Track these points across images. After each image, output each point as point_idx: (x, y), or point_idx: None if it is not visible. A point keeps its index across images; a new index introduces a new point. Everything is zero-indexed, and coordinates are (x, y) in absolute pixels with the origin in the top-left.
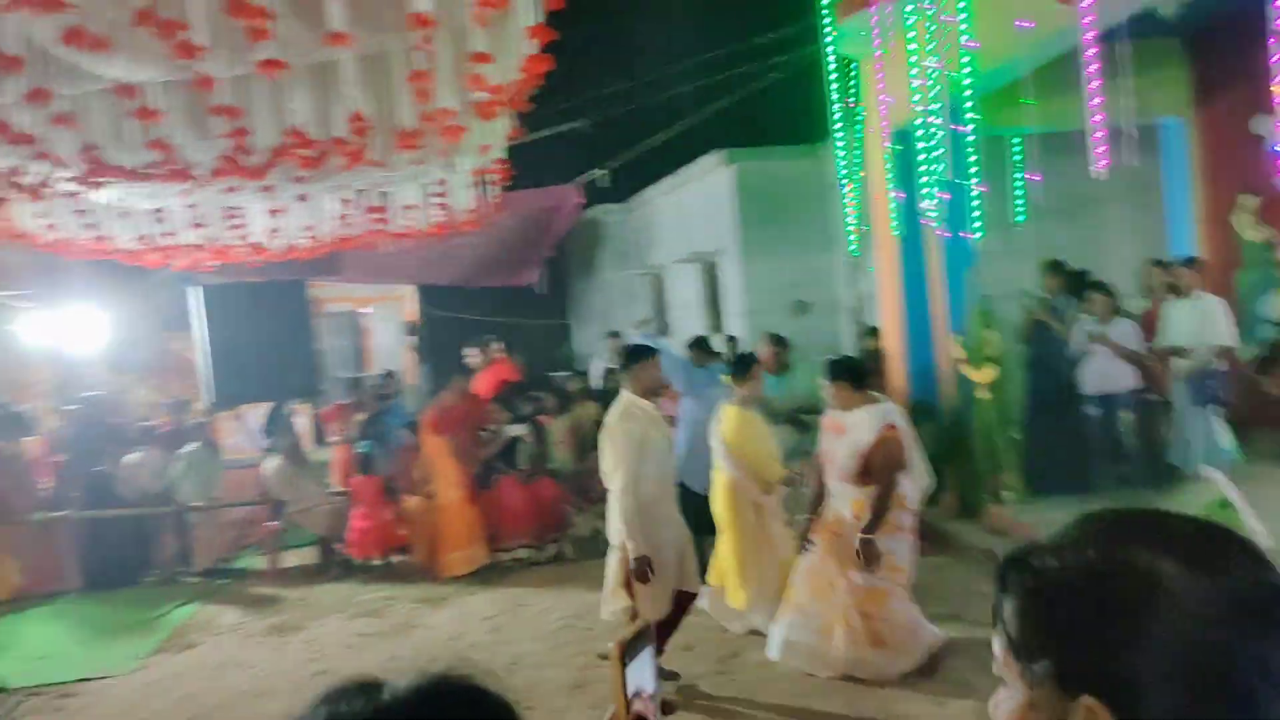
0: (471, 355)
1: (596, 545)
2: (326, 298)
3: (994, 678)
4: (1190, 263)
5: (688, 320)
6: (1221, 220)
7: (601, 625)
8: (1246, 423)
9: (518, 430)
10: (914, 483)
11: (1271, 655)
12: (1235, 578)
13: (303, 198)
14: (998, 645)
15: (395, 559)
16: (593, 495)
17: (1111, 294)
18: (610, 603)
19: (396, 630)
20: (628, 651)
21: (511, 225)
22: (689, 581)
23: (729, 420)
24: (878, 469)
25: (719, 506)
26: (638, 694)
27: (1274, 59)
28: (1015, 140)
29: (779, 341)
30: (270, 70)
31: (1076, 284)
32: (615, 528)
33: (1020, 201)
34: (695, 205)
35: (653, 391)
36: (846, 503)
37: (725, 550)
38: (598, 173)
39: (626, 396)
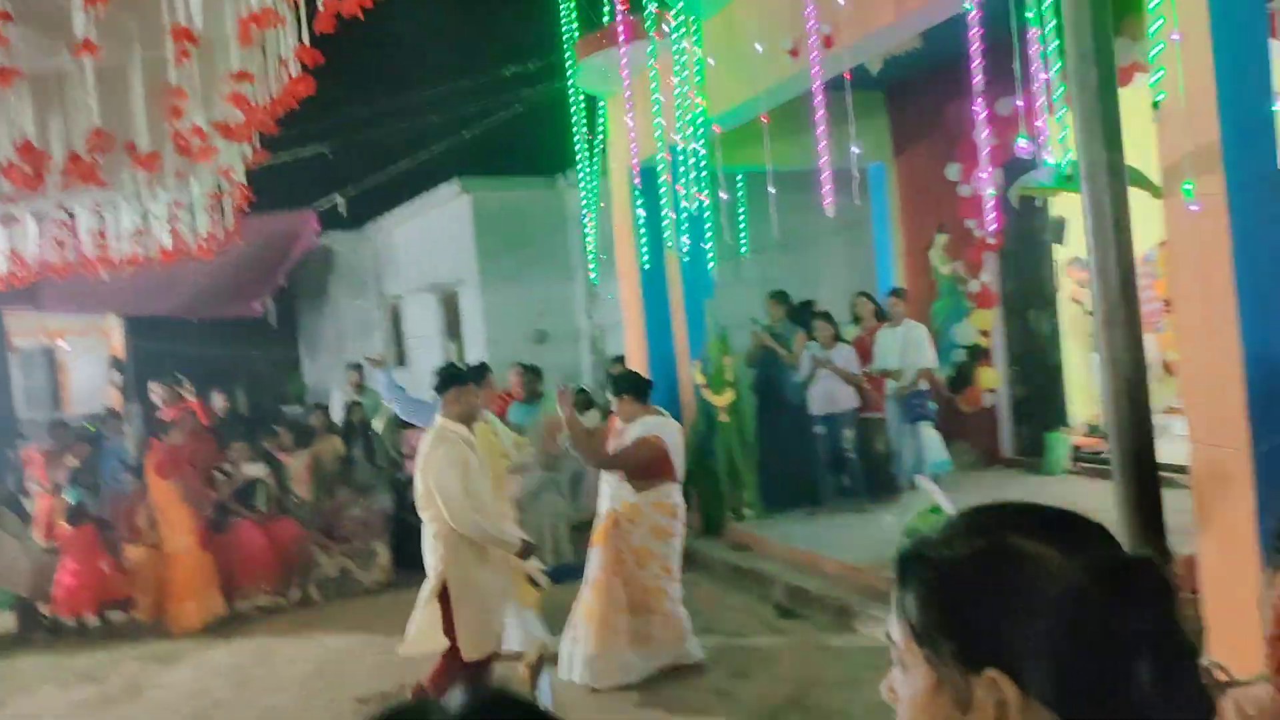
0: (155, 392)
1: (345, 585)
2: (15, 330)
3: (755, 682)
4: (897, 293)
5: (426, 352)
6: (920, 255)
7: (355, 668)
8: (946, 436)
9: (254, 470)
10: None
11: (1130, 617)
12: (1096, 555)
13: (6, 220)
14: (897, 633)
15: (114, 616)
16: (338, 534)
17: (834, 323)
18: (418, 643)
19: (123, 694)
20: (534, 676)
21: (244, 252)
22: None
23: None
24: (623, 458)
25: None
26: None
27: (972, 114)
28: (740, 178)
29: (530, 370)
30: (4, 79)
31: (797, 313)
32: (433, 561)
33: (744, 235)
34: (433, 234)
35: (469, 417)
36: (619, 503)
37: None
38: (337, 199)
39: (440, 422)
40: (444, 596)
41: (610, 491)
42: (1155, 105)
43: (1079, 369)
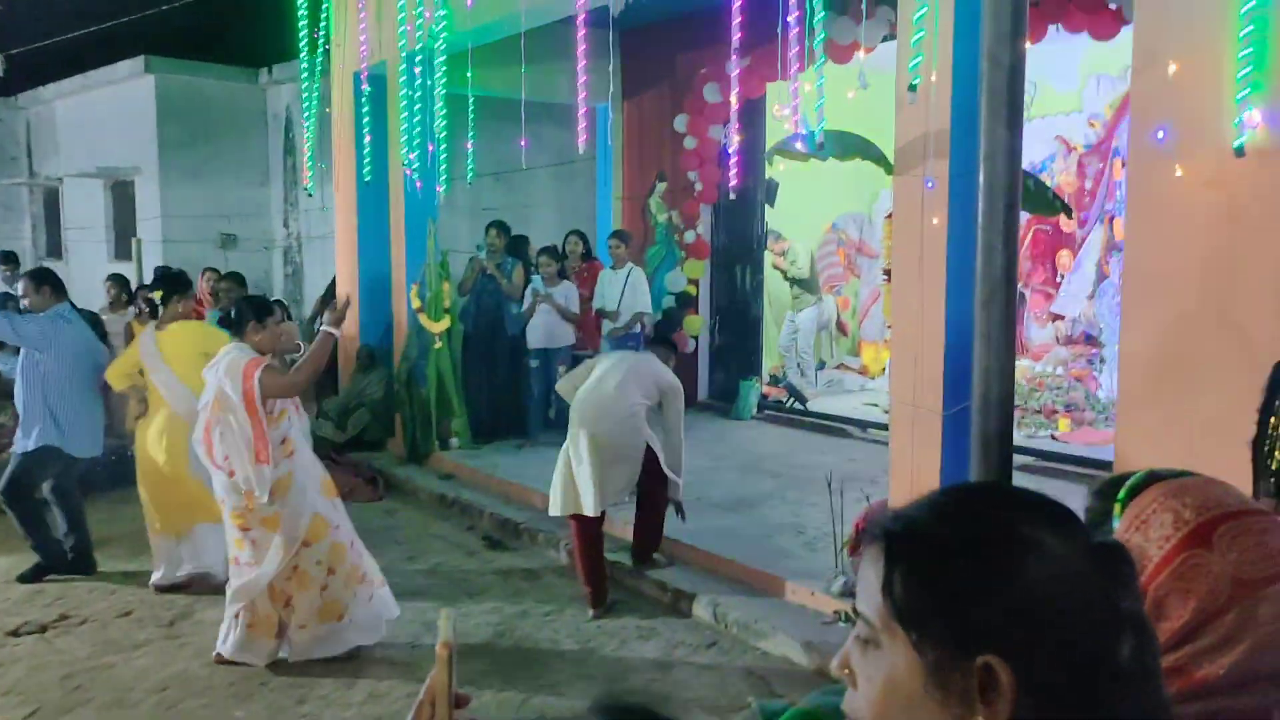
0: None
1: None
2: None
3: (462, 613)
4: (620, 236)
5: (88, 244)
6: (639, 200)
7: (6, 594)
8: None
9: None
10: None
11: (1122, 600)
12: (1084, 539)
13: None
14: (873, 613)
15: None
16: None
17: (558, 259)
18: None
19: None
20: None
21: None
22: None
23: (170, 341)
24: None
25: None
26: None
27: (704, 71)
28: (471, 101)
29: (230, 278)
30: None
31: (518, 244)
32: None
33: (472, 161)
34: (106, 115)
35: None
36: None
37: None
38: None
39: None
40: None
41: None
42: (912, 88)
43: (770, 327)
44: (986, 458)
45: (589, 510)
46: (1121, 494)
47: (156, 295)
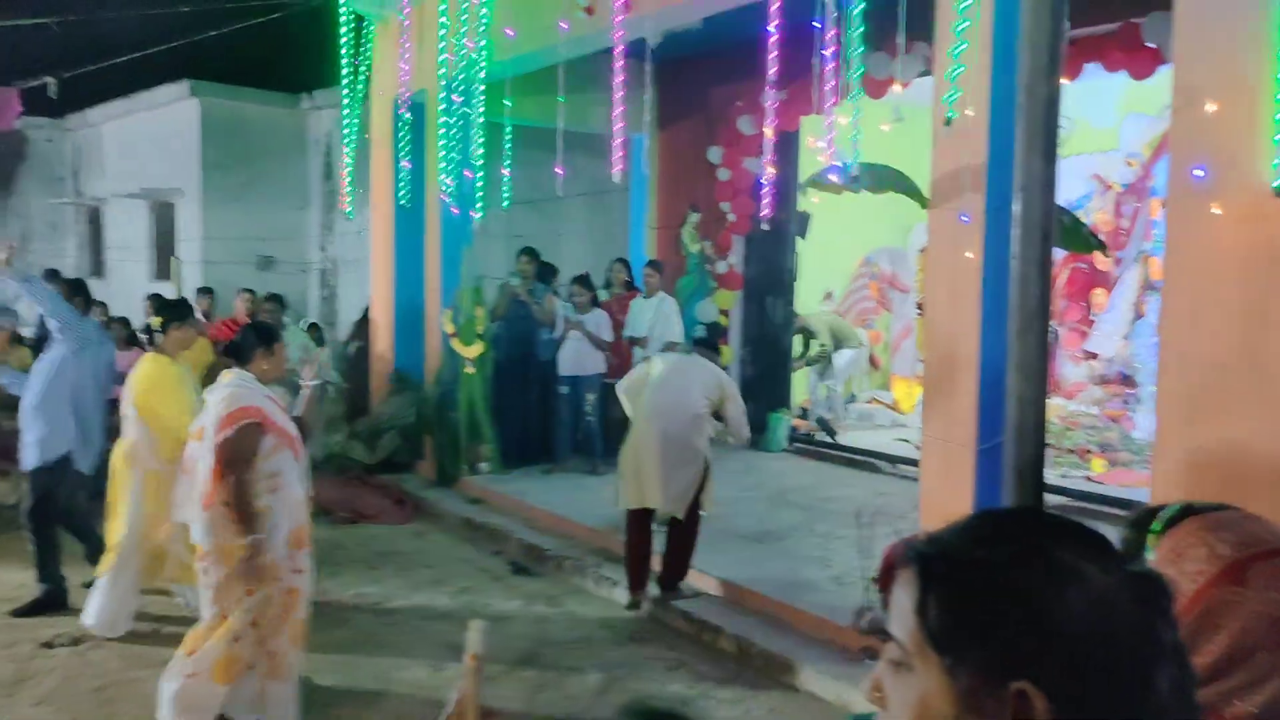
0: None
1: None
2: None
3: (488, 639)
4: (654, 265)
5: (130, 264)
6: (672, 230)
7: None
8: None
9: None
10: None
11: (1157, 628)
12: (1123, 569)
13: None
14: (906, 636)
15: None
16: (15, 456)
17: (591, 287)
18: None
19: None
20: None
21: None
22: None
23: (141, 370)
24: None
25: (119, 469)
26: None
27: (739, 104)
28: (508, 129)
29: (272, 299)
30: None
31: (546, 271)
32: None
33: (508, 189)
34: (151, 137)
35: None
36: None
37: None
38: (49, 81)
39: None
40: None
41: None
42: (948, 122)
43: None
44: (1021, 487)
45: (660, 505)
46: (1156, 525)
47: (156, 322)
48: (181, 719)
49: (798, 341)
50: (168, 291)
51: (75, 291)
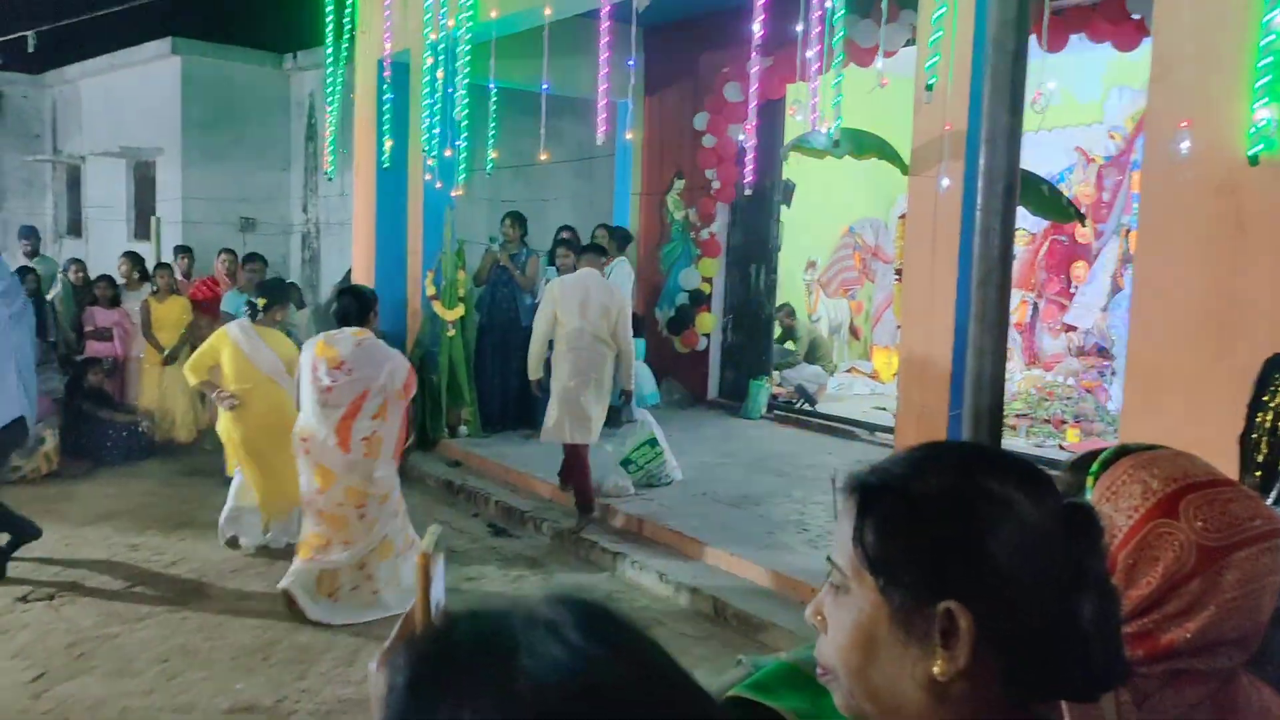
0: None
1: None
2: None
3: (465, 599)
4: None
5: (109, 223)
6: (657, 197)
7: (16, 563)
8: (660, 374)
9: None
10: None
11: (1083, 557)
12: (1055, 500)
13: None
14: (844, 560)
15: None
16: None
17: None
18: None
19: None
20: (431, 562)
21: None
22: None
23: (274, 341)
24: None
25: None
26: (437, 605)
27: (725, 71)
28: (492, 93)
29: (254, 259)
30: None
31: (527, 236)
32: None
33: (492, 151)
34: (131, 94)
35: None
36: None
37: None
38: (29, 35)
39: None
40: None
41: None
42: (929, 88)
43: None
44: (977, 432)
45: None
46: (1094, 467)
47: (260, 302)
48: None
49: (778, 326)
50: (146, 251)
51: None
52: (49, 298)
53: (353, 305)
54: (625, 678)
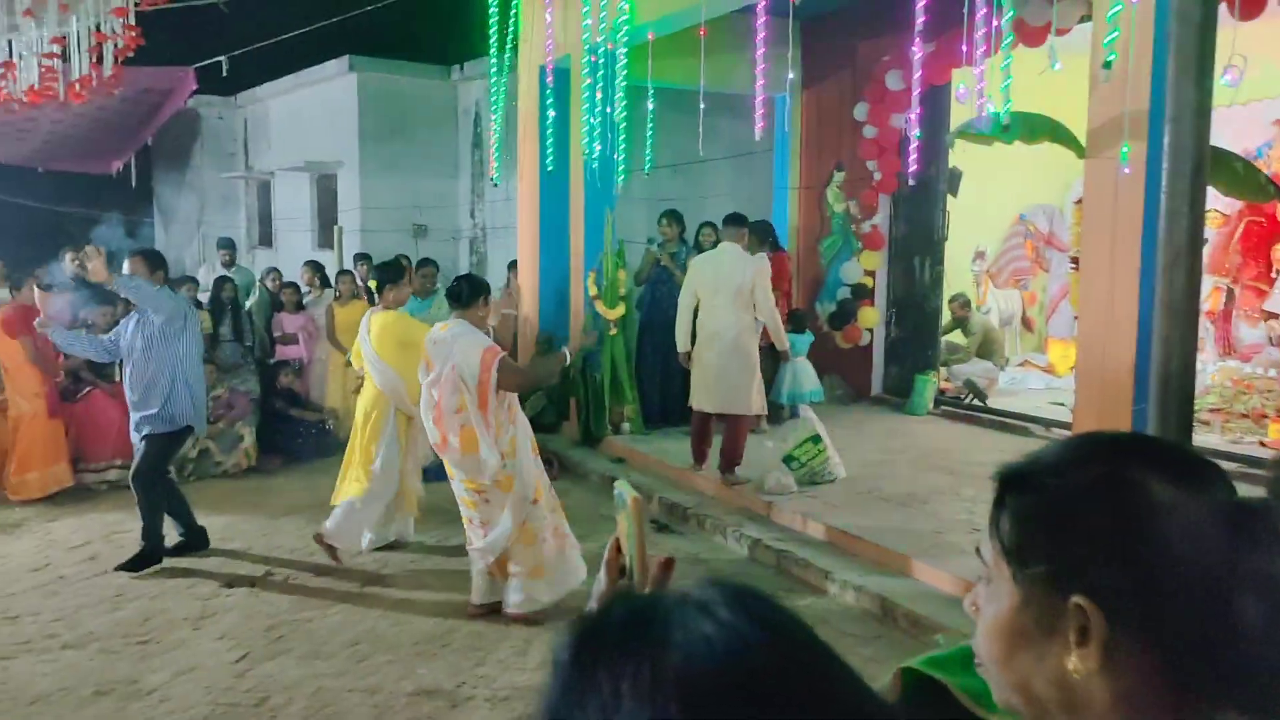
0: None
1: (203, 466)
2: None
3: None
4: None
5: (295, 233)
6: (816, 190)
7: (214, 551)
8: (821, 369)
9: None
10: None
11: (1243, 557)
12: (1216, 497)
13: None
14: (988, 551)
15: None
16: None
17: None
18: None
19: None
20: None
21: (114, 105)
22: None
23: (380, 325)
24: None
25: (367, 410)
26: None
27: (886, 59)
28: (651, 92)
29: (426, 264)
30: None
31: (685, 233)
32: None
33: (651, 151)
34: (314, 112)
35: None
36: None
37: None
38: (223, 60)
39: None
40: None
41: None
42: (1107, 65)
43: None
44: (1164, 427)
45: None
46: None
47: (373, 284)
48: (524, 608)
49: (947, 314)
50: (328, 259)
51: (157, 265)
52: (246, 306)
53: (459, 287)
54: (776, 653)
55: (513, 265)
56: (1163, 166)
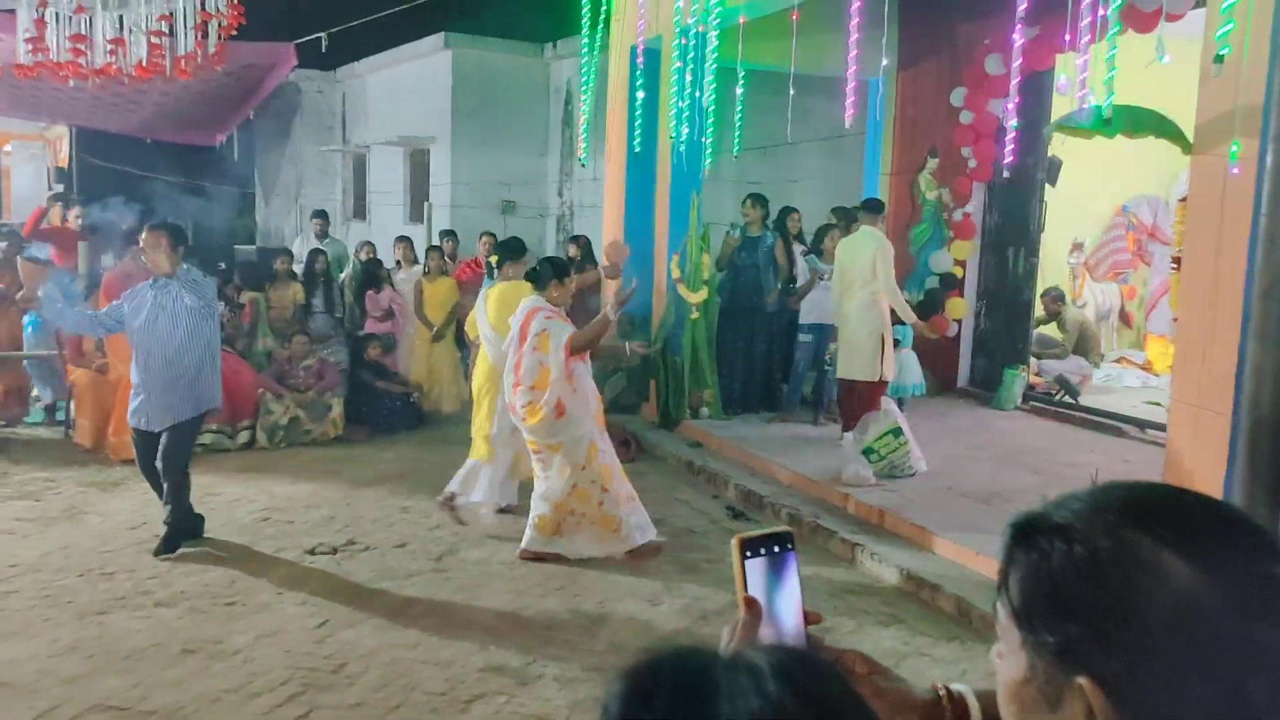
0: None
1: (293, 434)
2: None
3: (700, 579)
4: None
5: (388, 207)
6: (907, 176)
7: (304, 517)
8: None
9: None
10: None
11: (1268, 642)
12: (1242, 571)
13: None
14: (1001, 610)
15: (48, 434)
16: (290, 382)
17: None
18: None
19: (65, 515)
20: (748, 547)
21: (218, 79)
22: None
23: (496, 298)
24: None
25: (480, 384)
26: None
27: (987, 42)
28: (742, 74)
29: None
30: None
31: (770, 218)
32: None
33: (739, 134)
34: (409, 87)
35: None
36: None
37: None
38: (322, 36)
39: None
40: None
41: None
42: (1219, 59)
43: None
44: (1253, 466)
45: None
46: None
47: (494, 259)
48: (595, 552)
49: (1040, 307)
50: (418, 234)
51: (179, 240)
52: (340, 278)
53: (540, 267)
54: None
55: (574, 238)
56: (1263, 186)
